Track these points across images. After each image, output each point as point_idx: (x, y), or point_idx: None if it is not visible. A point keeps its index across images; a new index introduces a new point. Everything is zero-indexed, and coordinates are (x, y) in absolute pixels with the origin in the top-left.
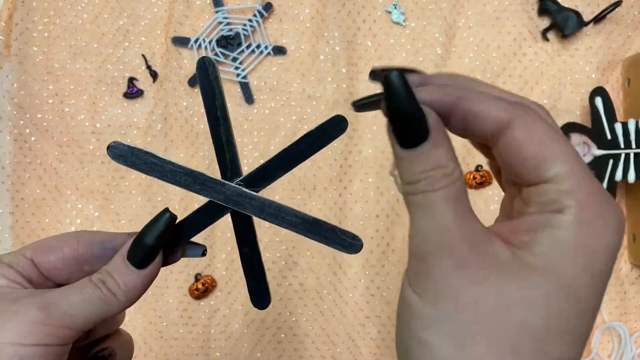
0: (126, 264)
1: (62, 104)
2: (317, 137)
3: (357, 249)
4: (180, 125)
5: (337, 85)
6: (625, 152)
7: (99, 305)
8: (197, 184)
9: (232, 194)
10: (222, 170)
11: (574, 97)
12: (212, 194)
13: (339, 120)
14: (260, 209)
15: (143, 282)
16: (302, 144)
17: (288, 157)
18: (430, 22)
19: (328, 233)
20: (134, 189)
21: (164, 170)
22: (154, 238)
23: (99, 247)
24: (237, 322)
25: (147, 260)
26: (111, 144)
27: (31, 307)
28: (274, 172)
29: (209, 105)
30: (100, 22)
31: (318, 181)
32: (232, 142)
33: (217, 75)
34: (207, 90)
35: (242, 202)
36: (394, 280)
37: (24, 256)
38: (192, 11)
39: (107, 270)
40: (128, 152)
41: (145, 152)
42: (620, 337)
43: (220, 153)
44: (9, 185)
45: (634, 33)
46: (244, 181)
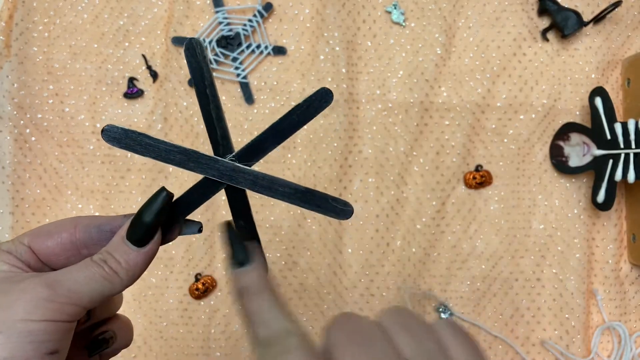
0: (126, 243)
1: (62, 104)
2: (304, 109)
3: (348, 215)
4: (180, 125)
5: (337, 85)
6: (625, 152)
7: (102, 283)
8: (191, 162)
9: (226, 169)
10: (214, 146)
11: (574, 97)
12: (206, 171)
13: (325, 92)
14: (254, 182)
15: (144, 260)
16: (290, 117)
17: (278, 130)
18: (430, 22)
19: (321, 201)
20: (134, 189)
21: (159, 150)
22: (152, 216)
23: (97, 230)
24: (237, 322)
25: (146, 238)
26: (105, 127)
27: (37, 285)
28: (265, 145)
29: (198, 83)
30: (101, 22)
31: (318, 181)
32: (222, 119)
33: (204, 55)
34: (196, 69)
35: (236, 177)
36: (393, 280)
37: (21, 243)
38: (192, 11)
39: (108, 250)
40: (122, 135)
41: (138, 133)
42: (620, 337)
43: (212, 130)
44: (9, 185)
45: (634, 33)
46: (237, 156)
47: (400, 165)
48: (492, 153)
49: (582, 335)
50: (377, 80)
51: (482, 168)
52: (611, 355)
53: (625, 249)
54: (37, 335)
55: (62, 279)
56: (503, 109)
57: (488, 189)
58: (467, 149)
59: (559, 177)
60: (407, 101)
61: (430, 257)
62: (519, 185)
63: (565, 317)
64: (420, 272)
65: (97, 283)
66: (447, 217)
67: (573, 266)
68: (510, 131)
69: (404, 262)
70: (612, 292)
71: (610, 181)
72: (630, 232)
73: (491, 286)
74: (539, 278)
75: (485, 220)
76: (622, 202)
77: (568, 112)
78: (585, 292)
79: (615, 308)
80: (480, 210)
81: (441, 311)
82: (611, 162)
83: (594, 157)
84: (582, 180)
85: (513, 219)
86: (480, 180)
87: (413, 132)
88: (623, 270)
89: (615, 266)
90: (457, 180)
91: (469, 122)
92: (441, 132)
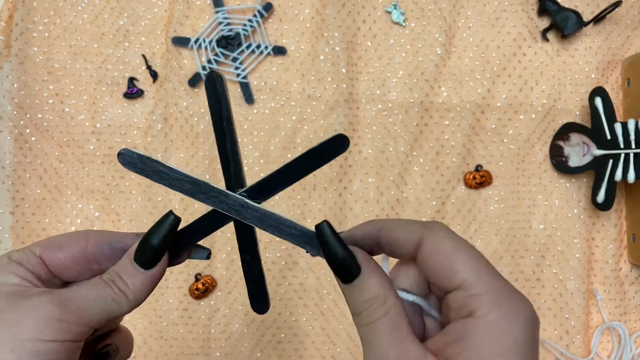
0: (133, 264)
1: (63, 104)
2: (319, 154)
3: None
4: (180, 126)
5: (337, 85)
6: (625, 152)
7: (110, 304)
8: (202, 193)
9: (235, 204)
10: (227, 180)
11: (574, 97)
12: (215, 204)
13: (341, 138)
14: (261, 219)
15: (150, 282)
16: (304, 160)
17: (290, 171)
18: (430, 22)
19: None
20: (134, 189)
21: (170, 179)
22: (160, 239)
23: (109, 246)
24: (237, 322)
25: (153, 261)
26: (122, 151)
27: (47, 303)
28: (276, 185)
29: (215, 117)
30: (101, 22)
31: (318, 181)
32: (237, 153)
33: (224, 89)
34: (215, 103)
35: (244, 213)
36: None
37: (33, 253)
38: (192, 11)
39: (116, 271)
40: (137, 160)
41: (153, 160)
42: (620, 337)
43: (226, 164)
44: (9, 185)
45: (634, 33)
46: (247, 192)
47: (400, 165)
48: (492, 153)
49: (582, 335)
50: (377, 80)
51: (482, 168)
52: (611, 355)
53: (625, 249)
54: (45, 355)
55: (72, 298)
56: (503, 109)
57: (488, 189)
58: (467, 149)
59: (558, 177)
60: (407, 101)
61: None
62: (519, 185)
63: (565, 317)
64: None
65: (106, 303)
66: (447, 217)
67: (573, 266)
68: (510, 131)
69: None
70: (612, 292)
71: (610, 181)
72: (630, 232)
73: None
74: (538, 278)
75: (485, 220)
76: (622, 202)
77: (568, 112)
78: (585, 292)
79: (615, 308)
80: (480, 210)
81: None
82: (611, 162)
83: (594, 157)
84: (582, 180)
85: (513, 219)
86: (480, 180)
87: (413, 132)
88: (623, 270)
89: (615, 266)
90: (457, 180)
91: (469, 122)
92: (441, 132)
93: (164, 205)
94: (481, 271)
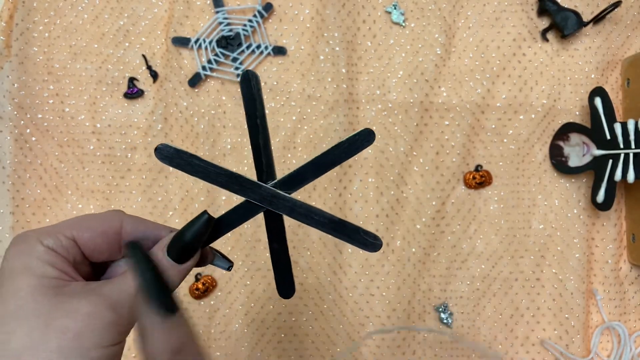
0: (167, 258)
1: (63, 104)
2: (347, 147)
3: (377, 248)
4: (180, 126)
5: (337, 85)
6: (625, 152)
7: None
8: (236, 185)
9: (267, 194)
10: (259, 173)
11: (574, 97)
12: (249, 194)
13: (368, 133)
14: (292, 209)
15: (182, 276)
16: (332, 153)
17: (319, 164)
18: (430, 22)
19: (352, 233)
20: (134, 189)
21: (207, 172)
22: (193, 236)
23: (142, 236)
24: (237, 322)
25: (185, 256)
26: (159, 146)
27: (103, 308)
28: (305, 177)
29: (250, 113)
30: (101, 23)
31: (318, 181)
32: (268, 148)
33: (259, 87)
34: (249, 100)
35: (276, 202)
36: (393, 280)
37: (65, 236)
38: (192, 11)
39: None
40: (175, 154)
41: (190, 154)
42: (620, 337)
43: (258, 157)
44: (10, 185)
45: (633, 33)
46: (278, 184)
47: (400, 165)
48: (491, 153)
49: (582, 335)
50: (377, 81)
51: (482, 168)
52: (611, 355)
53: (624, 249)
54: (107, 358)
55: (122, 299)
56: (503, 109)
57: (488, 189)
58: (467, 149)
59: (558, 177)
60: (407, 101)
61: (430, 257)
62: (519, 185)
63: (565, 317)
64: (420, 272)
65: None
66: (447, 217)
67: (573, 266)
68: (510, 131)
69: (404, 262)
70: (612, 292)
71: (609, 181)
72: (630, 232)
73: (491, 286)
74: (538, 278)
75: (485, 220)
76: (621, 202)
77: (568, 112)
78: (584, 292)
79: (614, 308)
80: (480, 210)
81: (441, 311)
82: (611, 162)
83: (594, 157)
84: (582, 180)
85: (513, 219)
86: (480, 180)
87: (413, 132)
88: (623, 270)
89: (614, 266)
90: (457, 180)
91: (469, 122)
92: (441, 132)
93: (164, 205)
94: None
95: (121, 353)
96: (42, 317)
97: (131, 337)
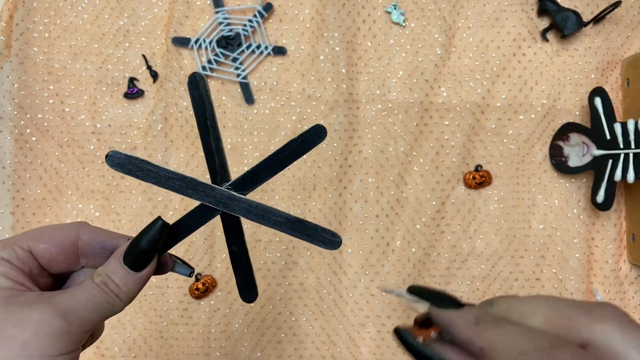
0: (123, 267)
1: (63, 104)
2: (299, 144)
3: (336, 246)
4: (180, 126)
5: (337, 85)
6: (625, 152)
7: (106, 307)
8: (190, 189)
9: (222, 197)
10: (212, 175)
11: (574, 97)
12: (203, 197)
13: (319, 128)
14: (247, 210)
15: (140, 284)
16: (285, 151)
17: (273, 163)
18: (430, 22)
19: (310, 231)
20: (134, 189)
21: (159, 177)
22: (148, 243)
23: (99, 246)
24: (237, 321)
25: (142, 263)
26: (109, 153)
27: (52, 316)
28: (260, 176)
29: (199, 116)
30: (101, 23)
31: (318, 181)
32: (220, 149)
33: (207, 89)
34: (198, 102)
35: (231, 204)
36: (393, 280)
37: (21, 248)
38: (192, 12)
39: (107, 273)
40: (125, 161)
41: (141, 160)
42: None
43: (210, 160)
44: (10, 185)
45: (633, 33)
46: (233, 185)
47: (400, 165)
48: (491, 153)
49: None
50: (377, 81)
51: (482, 168)
52: None
53: (624, 249)
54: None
55: (74, 307)
56: (503, 109)
57: (488, 189)
58: (466, 149)
59: (558, 177)
60: (407, 101)
61: (430, 257)
62: (519, 186)
63: None
64: (420, 272)
65: (103, 307)
66: (447, 217)
67: (573, 266)
68: (509, 131)
69: (404, 262)
70: (612, 292)
71: (609, 181)
72: (630, 232)
73: (491, 286)
74: (538, 278)
75: (484, 220)
76: (621, 202)
77: (568, 112)
78: (584, 292)
79: None
80: (479, 210)
81: None
82: (611, 162)
83: (594, 157)
84: (582, 180)
85: (513, 219)
86: (480, 180)
87: (413, 132)
88: (622, 270)
89: (614, 266)
90: (457, 180)
91: (469, 122)
92: (441, 132)
93: (164, 205)
94: None
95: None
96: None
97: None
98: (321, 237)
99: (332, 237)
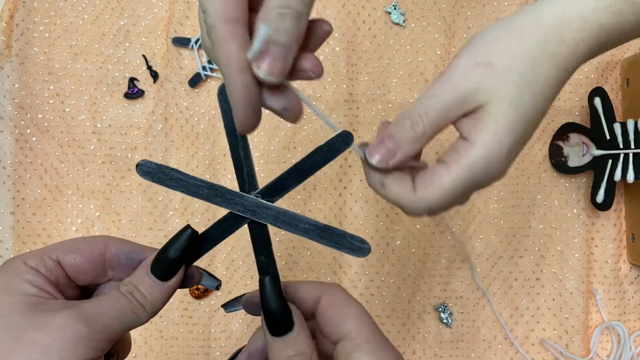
0: (150, 276)
1: (63, 104)
2: (326, 151)
3: (365, 253)
4: (180, 126)
5: (337, 85)
6: (624, 152)
7: (130, 317)
8: (218, 197)
9: (250, 204)
10: (240, 183)
11: (573, 97)
12: (231, 206)
13: (346, 135)
14: (276, 217)
15: (167, 294)
16: (312, 158)
17: (300, 170)
18: (430, 22)
19: (339, 238)
20: (134, 189)
21: (188, 185)
22: (177, 252)
23: (126, 257)
24: (238, 321)
25: (169, 273)
26: (140, 162)
27: (75, 322)
28: (287, 184)
29: (228, 126)
30: (101, 23)
31: (318, 181)
32: (249, 158)
33: None
34: (227, 112)
35: (259, 212)
36: (393, 280)
37: (50, 258)
38: (193, 12)
39: (133, 283)
40: (155, 170)
41: (171, 168)
42: (619, 337)
43: (239, 168)
44: (10, 185)
45: None
46: (261, 193)
47: None
48: None
49: (582, 334)
50: (377, 81)
51: None
52: (610, 354)
53: (624, 249)
54: None
55: (97, 314)
56: None
57: (488, 189)
58: None
59: (558, 177)
60: (407, 101)
61: (430, 257)
62: (519, 185)
63: (565, 316)
64: (420, 272)
65: (127, 316)
66: (447, 216)
67: (572, 266)
68: None
69: (404, 262)
70: (612, 292)
71: (609, 181)
72: (630, 232)
73: (491, 286)
74: (538, 278)
75: (484, 220)
76: (621, 202)
77: (567, 112)
78: (584, 291)
79: (614, 308)
80: (479, 210)
81: (441, 311)
82: (610, 162)
83: (593, 157)
84: (582, 180)
85: (512, 218)
86: None
87: None
88: (622, 270)
89: (614, 266)
90: None
91: None
92: (441, 132)
93: (164, 205)
94: (364, 324)
95: None
96: (12, 332)
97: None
98: (349, 245)
99: (360, 244)
